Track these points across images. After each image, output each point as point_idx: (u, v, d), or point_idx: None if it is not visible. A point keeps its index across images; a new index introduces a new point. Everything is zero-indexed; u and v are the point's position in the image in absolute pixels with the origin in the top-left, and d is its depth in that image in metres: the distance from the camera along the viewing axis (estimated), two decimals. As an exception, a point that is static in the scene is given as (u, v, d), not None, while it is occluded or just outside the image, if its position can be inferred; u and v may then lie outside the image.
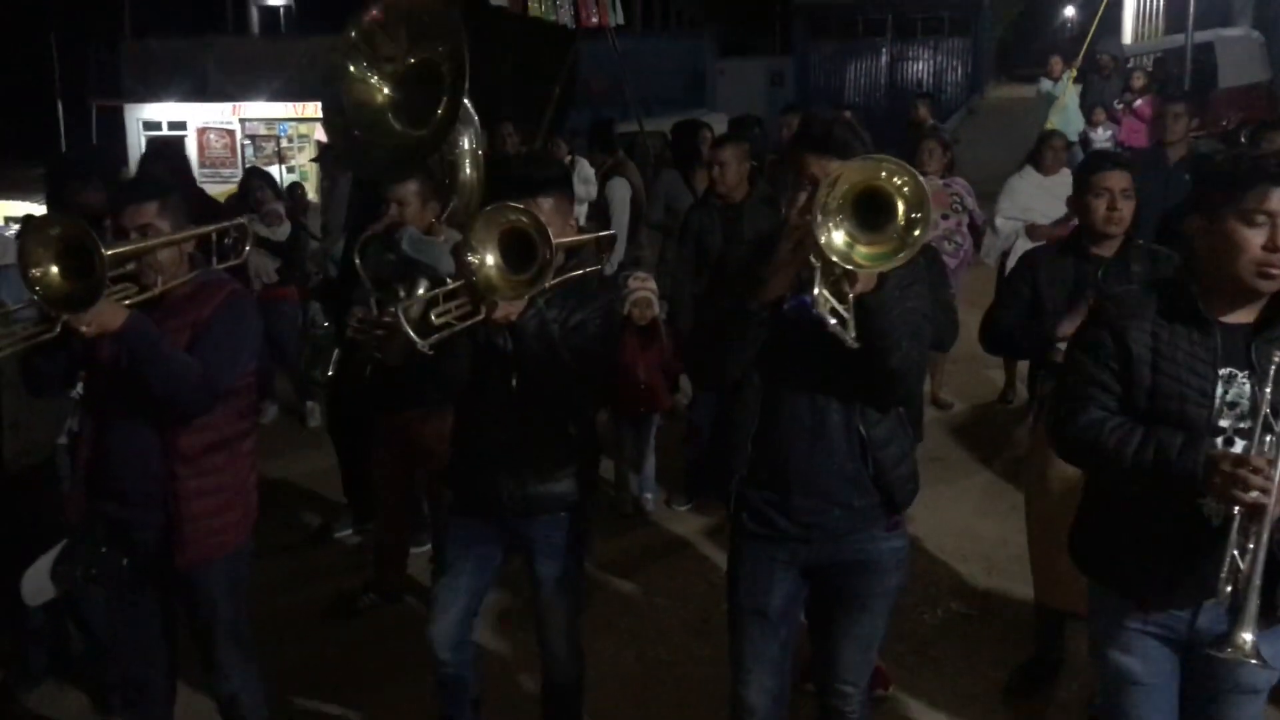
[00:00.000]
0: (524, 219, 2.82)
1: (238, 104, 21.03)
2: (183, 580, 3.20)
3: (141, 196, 3.14)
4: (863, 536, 2.81)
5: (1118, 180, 3.78)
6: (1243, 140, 15.62)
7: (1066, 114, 11.70)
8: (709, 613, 4.69)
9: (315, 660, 4.51)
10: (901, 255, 2.36)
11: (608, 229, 7.61)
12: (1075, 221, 6.74)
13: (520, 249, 2.83)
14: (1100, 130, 11.78)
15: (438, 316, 2.90)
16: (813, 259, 2.41)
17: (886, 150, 2.53)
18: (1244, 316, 2.47)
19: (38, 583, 3.13)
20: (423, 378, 4.35)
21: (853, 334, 2.45)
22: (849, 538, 2.81)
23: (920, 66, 28.48)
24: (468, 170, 4.44)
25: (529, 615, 3.64)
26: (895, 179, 2.35)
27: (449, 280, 3.01)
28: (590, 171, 9.25)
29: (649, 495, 5.81)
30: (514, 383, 3.14)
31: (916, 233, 2.34)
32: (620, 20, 11.12)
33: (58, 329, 2.87)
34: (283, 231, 7.49)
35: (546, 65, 24.40)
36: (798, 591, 2.93)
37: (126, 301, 3.00)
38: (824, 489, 2.76)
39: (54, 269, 2.87)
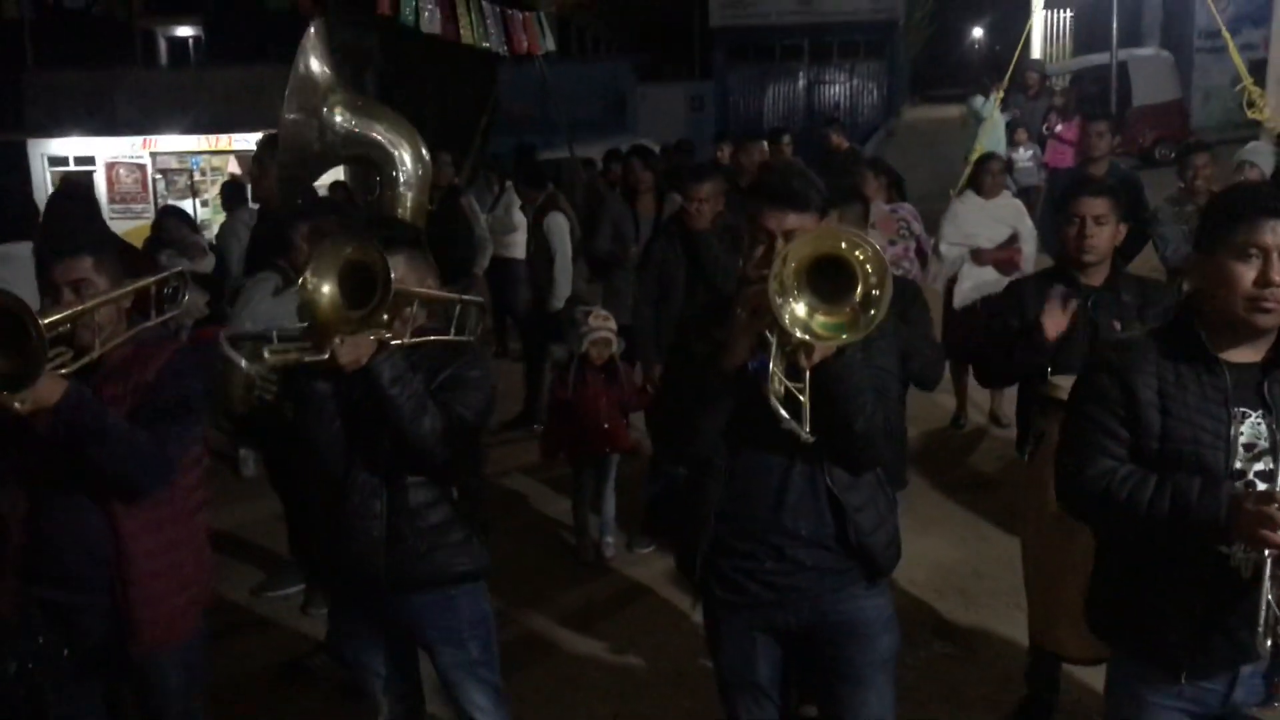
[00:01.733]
0: (364, 252, 2.70)
1: (148, 137, 20.41)
2: (133, 668, 2.92)
3: (75, 249, 2.86)
4: (841, 596, 2.68)
5: (1090, 206, 3.69)
6: (1156, 157, 16.03)
7: (996, 133, 11.77)
8: (685, 663, 4.49)
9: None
10: (858, 332, 2.31)
11: (548, 265, 7.43)
12: (1019, 245, 6.81)
13: (362, 286, 2.70)
14: (1023, 150, 11.88)
15: (272, 354, 2.78)
16: (768, 332, 2.36)
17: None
18: (1251, 355, 2.37)
19: None
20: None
21: (807, 427, 2.39)
22: (827, 598, 2.67)
23: (837, 89, 28.74)
24: (410, 201, 4.27)
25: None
26: (856, 251, 2.28)
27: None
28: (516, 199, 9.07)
29: (609, 540, 5.59)
30: (383, 446, 2.85)
31: (872, 313, 2.28)
32: (551, 47, 10.95)
33: None
34: (207, 264, 7.18)
35: (467, 91, 24.24)
36: (784, 662, 2.79)
37: (63, 370, 2.70)
38: (792, 553, 2.62)
39: None
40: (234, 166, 22.11)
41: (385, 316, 2.73)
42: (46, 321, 2.60)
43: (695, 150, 11.77)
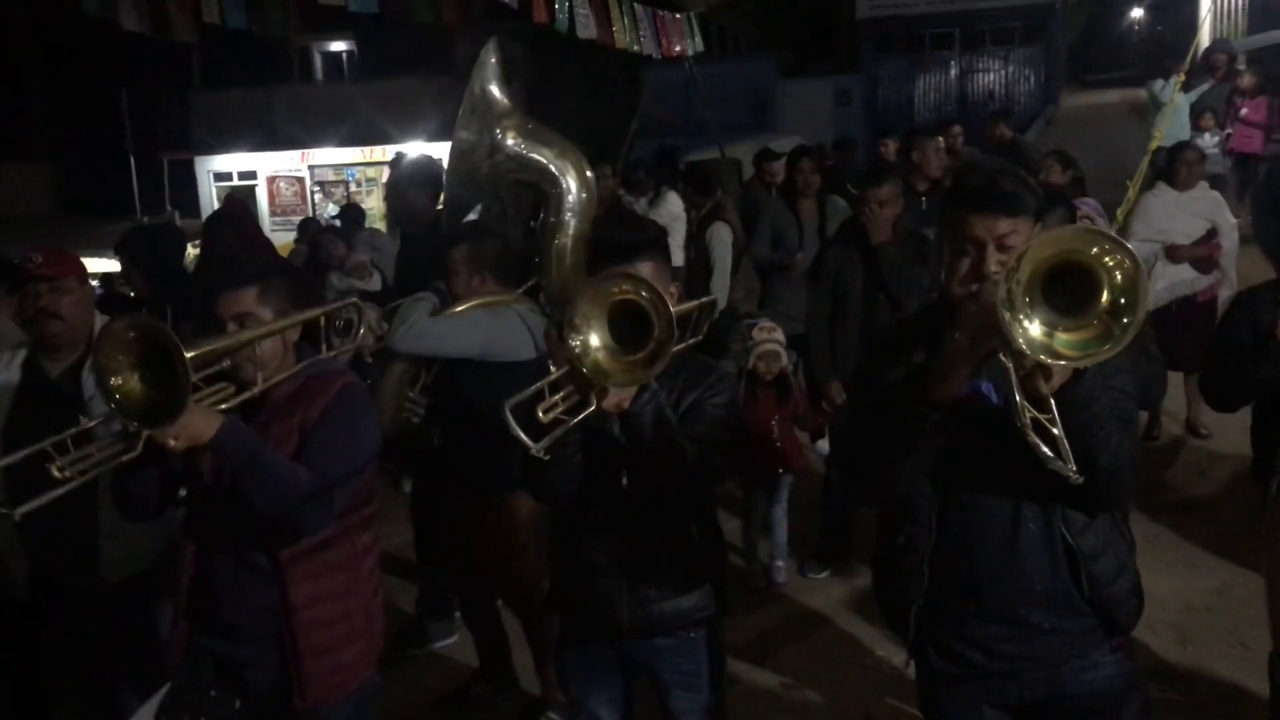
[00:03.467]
0: (635, 290, 2.34)
1: (306, 151, 21.01)
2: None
3: (237, 282, 2.74)
4: (1083, 665, 2.34)
5: None
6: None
7: (1179, 119, 11.02)
8: (872, 702, 4.20)
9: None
10: (1108, 346, 1.92)
11: (707, 275, 7.20)
12: (1219, 240, 6.27)
13: (632, 325, 2.35)
14: (1208, 136, 11.10)
15: (545, 412, 2.37)
16: (1002, 356, 1.99)
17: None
18: None
19: None
20: (474, 458, 3.98)
21: (1072, 465, 2.01)
22: (1067, 667, 2.33)
23: (991, 78, 27.65)
24: (573, 229, 4.12)
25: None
26: (1105, 257, 1.91)
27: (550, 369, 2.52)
28: (680, 206, 8.83)
29: (781, 564, 5.31)
30: (624, 481, 2.67)
31: (1126, 320, 1.90)
32: (700, 48, 10.74)
33: (140, 447, 2.48)
34: (375, 283, 7.13)
35: (612, 97, 24.25)
36: None
37: (222, 405, 2.60)
38: (1024, 615, 2.29)
39: (134, 377, 2.47)
40: (388, 177, 22.67)
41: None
42: (196, 354, 2.48)
43: (858, 148, 11.36)
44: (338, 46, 26.64)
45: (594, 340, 2.35)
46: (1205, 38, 18.07)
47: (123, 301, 5.04)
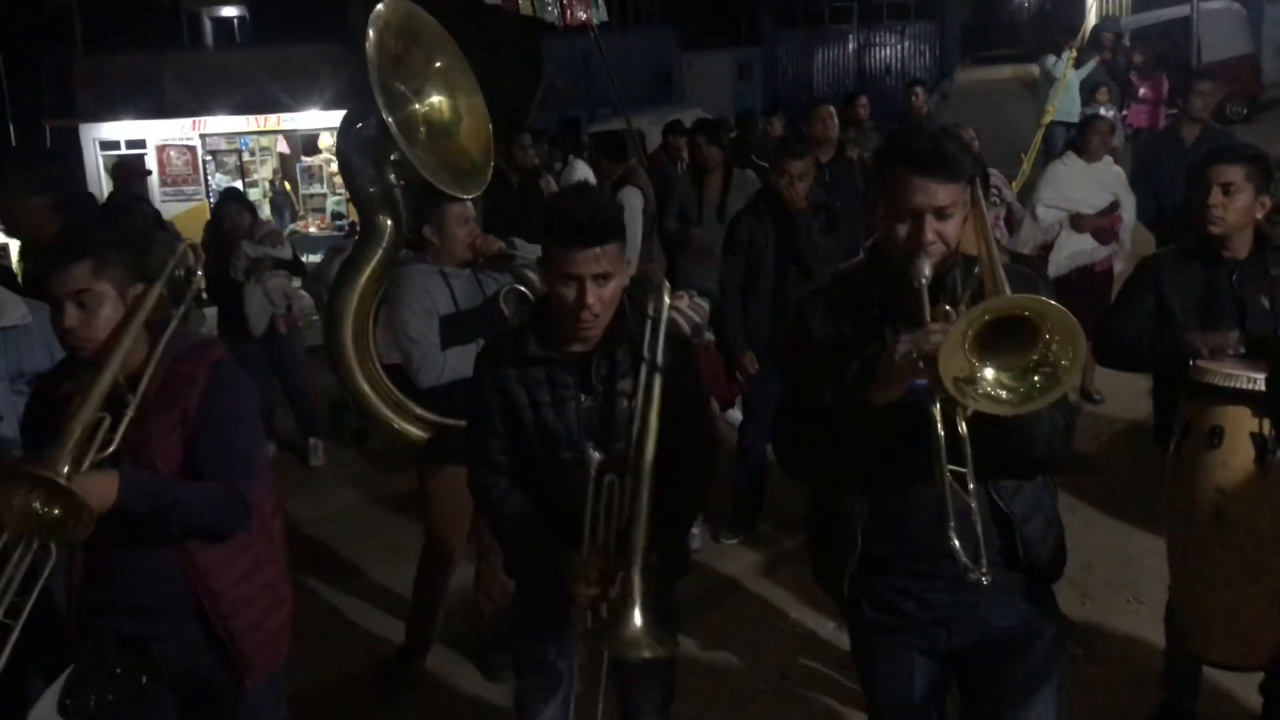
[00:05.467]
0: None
1: (198, 119, 20.32)
2: (226, 695, 2.75)
3: (72, 256, 2.53)
4: (1006, 610, 2.43)
5: (1220, 174, 3.39)
6: (1229, 115, 15.45)
7: (1069, 94, 11.35)
8: (788, 667, 4.28)
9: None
10: (1043, 399, 2.02)
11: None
12: (1120, 213, 6.47)
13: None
14: (1104, 111, 11.45)
15: None
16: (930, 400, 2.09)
17: None
18: None
19: None
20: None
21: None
22: (992, 613, 2.42)
23: (888, 52, 28.08)
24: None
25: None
26: (1054, 335, 1.98)
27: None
28: (589, 172, 8.80)
29: (695, 531, 5.35)
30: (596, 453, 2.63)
31: (1059, 378, 2.00)
32: (604, 17, 10.63)
33: (54, 550, 2.43)
34: (287, 250, 7.00)
35: (511, 68, 23.98)
36: (942, 680, 2.55)
37: (109, 448, 2.46)
38: (954, 570, 2.31)
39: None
40: (282, 146, 22.06)
41: None
42: (73, 440, 2.40)
43: (759, 123, 11.41)
44: (229, 12, 25.80)
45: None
46: (1093, 17, 18.61)
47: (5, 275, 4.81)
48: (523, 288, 3.97)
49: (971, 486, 2.15)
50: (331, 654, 4.61)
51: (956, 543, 2.12)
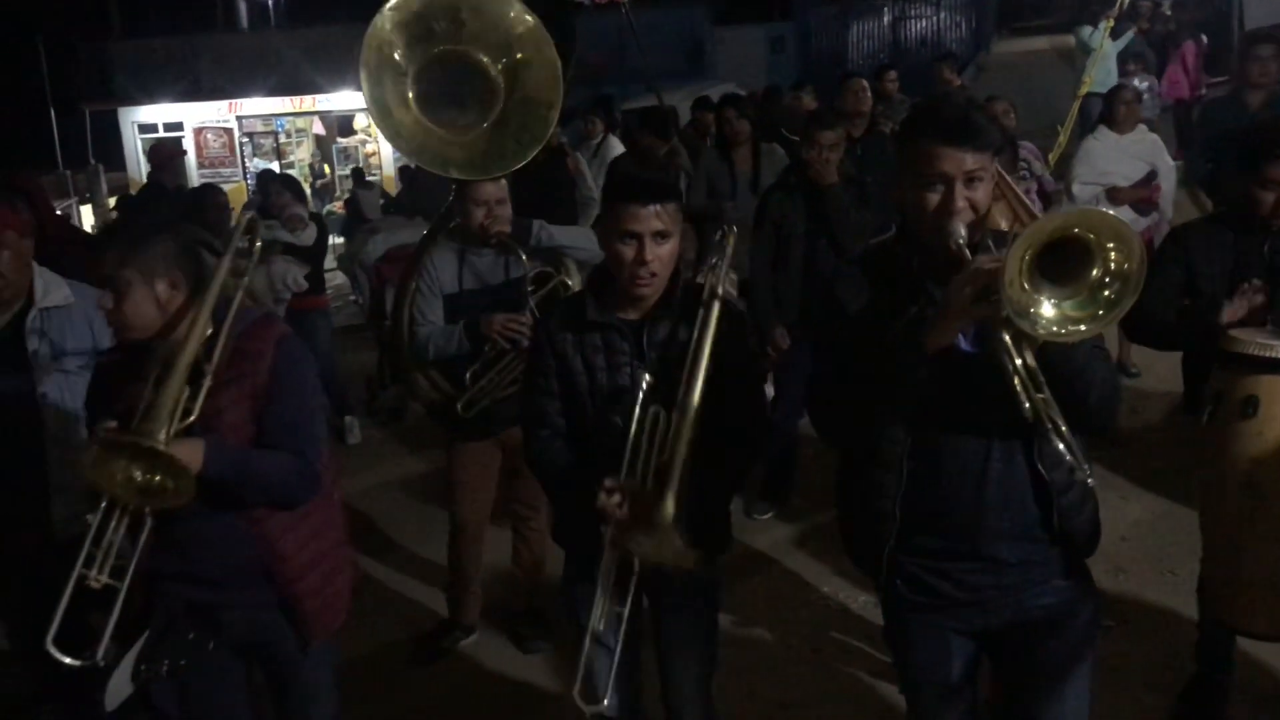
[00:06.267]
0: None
1: (234, 101, 20.52)
2: (281, 662, 2.88)
3: (103, 245, 2.69)
4: (1043, 590, 2.42)
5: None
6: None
7: (1105, 65, 11.19)
8: (819, 640, 4.32)
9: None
10: (1102, 322, 2.00)
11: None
12: (1158, 182, 6.39)
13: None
14: (1137, 82, 11.28)
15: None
16: (999, 313, 2.04)
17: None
18: None
19: (118, 687, 2.74)
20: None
21: (1081, 462, 2.14)
22: (1025, 593, 2.41)
23: (923, 25, 27.65)
24: None
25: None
26: (1107, 242, 1.97)
27: None
28: (621, 151, 8.80)
29: (728, 505, 5.40)
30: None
31: (1118, 294, 1.99)
32: (637, -7, 10.61)
33: (149, 519, 2.57)
34: (308, 236, 7.05)
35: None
36: (976, 659, 2.55)
37: (190, 418, 2.56)
38: (994, 548, 2.36)
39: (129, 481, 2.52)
40: (318, 127, 22.20)
41: None
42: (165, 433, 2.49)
43: (785, 98, 11.34)
44: (262, -6, 25.99)
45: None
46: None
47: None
48: (552, 269, 4.00)
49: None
50: (368, 623, 4.69)
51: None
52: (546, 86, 3.96)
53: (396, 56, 3.94)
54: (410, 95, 3.98)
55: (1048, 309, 2.00)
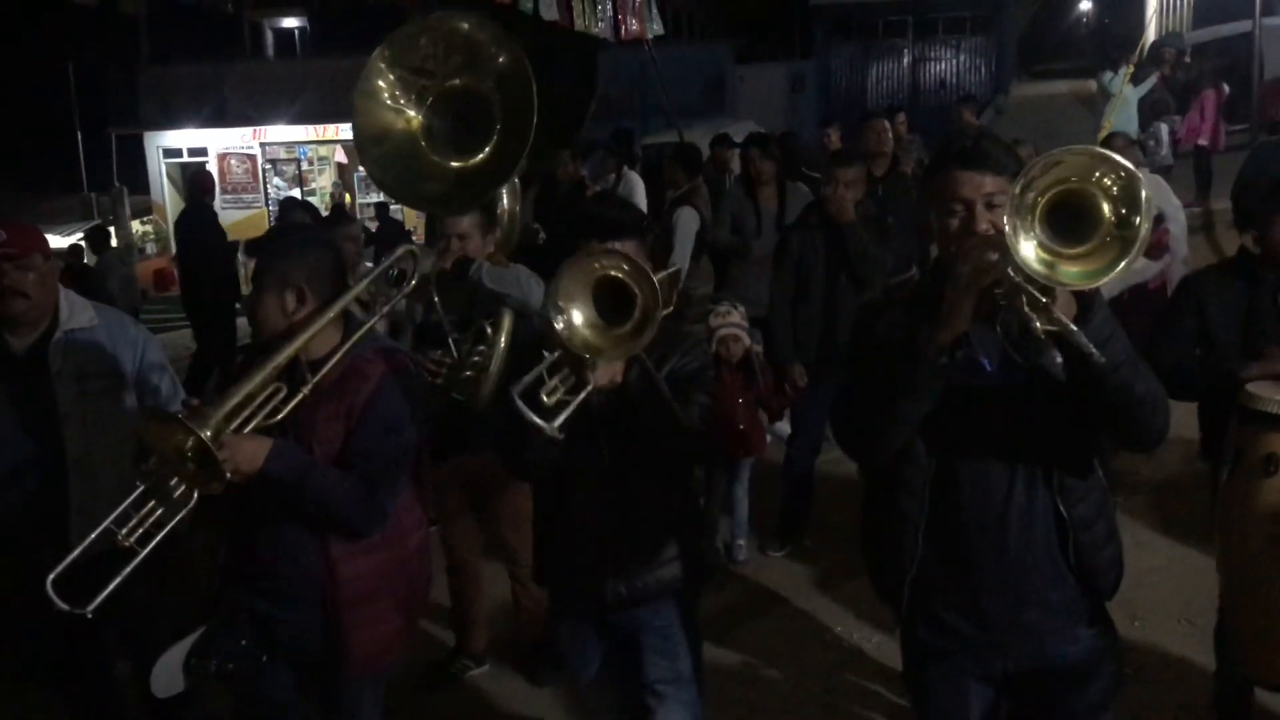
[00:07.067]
0: (615, 264, 2.40)
1: (258, 128, 20.73)
2: (333, 687, 2.89)
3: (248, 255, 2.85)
4: (1064, 637, 2.39)
5: None
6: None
7: (1125, 110, 11.24)
8: (832, 681, 4.28)
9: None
10: (1115, 266, 1.96)
11: (665, 254, 7.23)
12: (1166, 225, 6.40)
13: (614, 299, 2.41)
14: (1162, 125, 11.35)
15: (548, 396, 2.44)
16: (1011, 273, 2.01)
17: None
18: None
19: (168, 674, 2.80)
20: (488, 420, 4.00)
21: (1093, 349, 2.01)
22: (1047, 639, 2.39)
23: (943, 67, 27.93)
24: (505, 201, 4.06)
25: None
26: (1103, 178, 1.96)
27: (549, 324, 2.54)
28: (641, 187, 8.86)
29: (742, 542, 5.39)
30: (604, 454, 2.73)
31: (1131, 233, 1.95)
32: (660, 30, 10.73)
33: (194, 499, 2.56)
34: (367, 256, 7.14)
35: (568, 80, 24.12)
36: (996, 707, 2.51)
37: (277, 415, 2.64)
38: (1017, 586, 2.34)
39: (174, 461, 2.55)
40: (340, 156, 22.40)
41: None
42: (229, 406, 2.56)
43: (800, 140, 11.43)
44: (290, 23, 26.31)
45: (578, 318, 2.40)
46: (1152, 32, 18.41)
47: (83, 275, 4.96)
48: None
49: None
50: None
51: None
52: (523, 126, 3.90)
53: (401, 87, 3.87)
54: (413, 125, 3.91)
55: (1050, 258, 1.97)
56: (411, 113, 3.87)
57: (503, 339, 3.68)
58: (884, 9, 27.52)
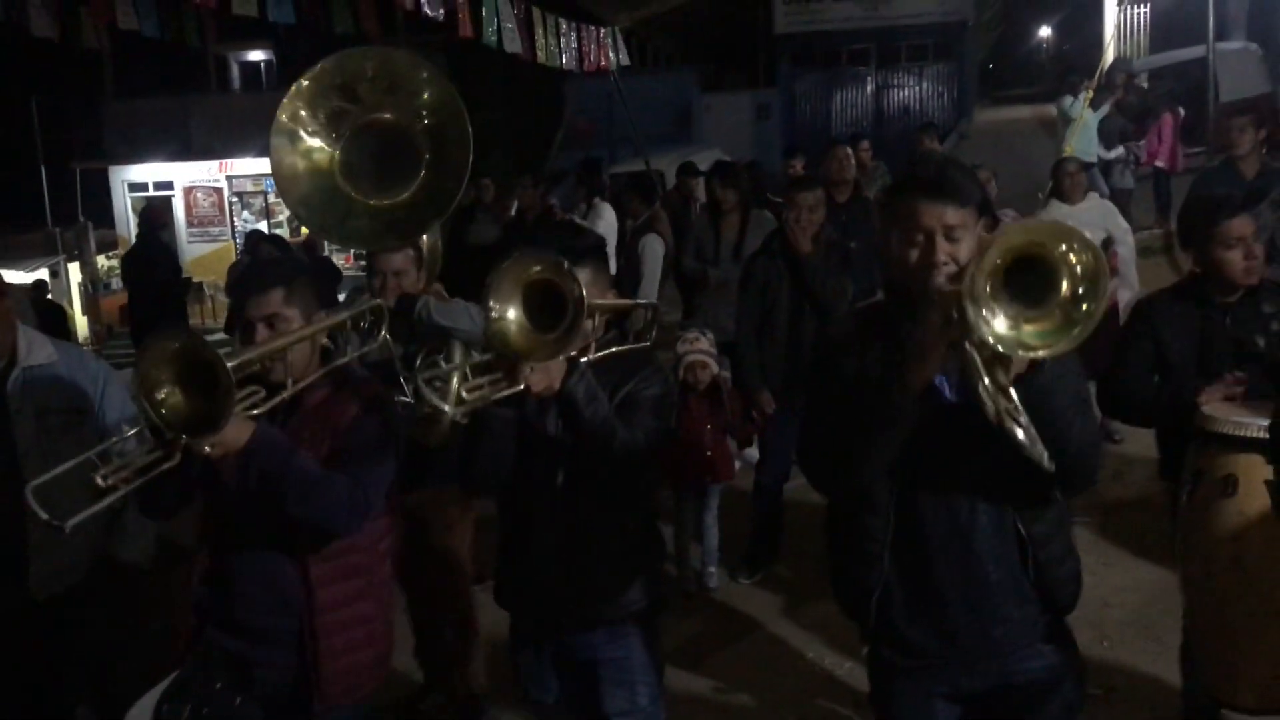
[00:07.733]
0: (547, 270, 2.46)
1: (224, 161, 20.62)
2: None
3: (265, 284, 2.79)
4: (1026, 653, 2.41)
5: (1246, 226, 3.43)
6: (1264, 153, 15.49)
7: (1086, 134, 11.41)
8: (803, 704, 4.28)
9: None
10: (1075, 332, 1.98)
11: (634, 284, 7.26)
12: (1115, 248, 6.49)
13: (549, 306, 2.47)
14: (1121, 150, 11.52)
15: (470, 391, 2.53)
16: (966, 345, 2.05)
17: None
18: None
19: None
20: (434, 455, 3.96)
21: (1044, 451, 2.07)
22: (1011, 656, 2.40)
23: (906, 94, 28.24)
24: (425, 235, 4.02)
25: None
26: (1068, 252, 1.98)
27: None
28: (613, 216, 8.88)
29: (713, 569, 5.38)
30: (560, 478, 2.75)
31: (1086, 308, 1.98)
32: (625, 61, 10.81)
33: (178, 456, 2.49)
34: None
35: (533, 109, 24.20)
36: None
37: (254, 410, 2.64)
38: (980, 603, 2.36)
39: (176, 390, 2.49)
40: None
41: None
42: (234, 364, 2.51)
43: (762, 170, 11.51)
44: (256, 56, 26.25)
45: (510, 315, 2.46)
46: (1110, 56, 18.72)
47: (51, 310, 4.92)
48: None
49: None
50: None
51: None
52: (457, 163, 3.79)
53: (317, 123, 3.74)
54: (331, 162, 3.76)
55: (1013, 326, 2.00)
56: (328, 149, 3.78)
57: (455, 376, 3.64)
58: (847, 37, 27.82)
